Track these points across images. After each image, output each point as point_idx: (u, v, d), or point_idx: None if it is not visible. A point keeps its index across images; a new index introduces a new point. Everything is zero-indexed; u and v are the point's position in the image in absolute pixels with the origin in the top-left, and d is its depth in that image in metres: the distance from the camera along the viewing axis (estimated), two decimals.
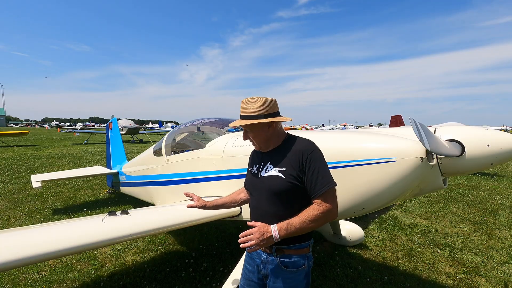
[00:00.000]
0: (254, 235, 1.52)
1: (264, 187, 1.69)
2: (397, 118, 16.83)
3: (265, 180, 1.69)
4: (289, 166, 1.63)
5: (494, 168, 10.64)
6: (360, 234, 4.37)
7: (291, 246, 1.66)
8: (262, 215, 1.68)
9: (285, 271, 1.66)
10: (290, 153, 1.67)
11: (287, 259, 1.66)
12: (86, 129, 43.32)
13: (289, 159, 1.65)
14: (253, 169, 1.81)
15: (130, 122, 27.52)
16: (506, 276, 3.61)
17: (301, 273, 1.69)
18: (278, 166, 1.67)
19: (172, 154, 4.20)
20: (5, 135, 22.07)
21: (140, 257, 4.04)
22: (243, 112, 1.70)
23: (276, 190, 1.64)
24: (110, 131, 7.44)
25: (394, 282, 3.42)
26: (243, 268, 1.89)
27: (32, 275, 3.56)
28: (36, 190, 7.20)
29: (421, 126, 2.07)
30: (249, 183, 1.85)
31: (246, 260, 1.86)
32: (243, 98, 1.75)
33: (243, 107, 1.70)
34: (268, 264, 1.69)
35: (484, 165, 2.22)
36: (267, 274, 1.70)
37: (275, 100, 1.75)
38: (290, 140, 1.75)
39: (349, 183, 2.31)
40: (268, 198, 1.67)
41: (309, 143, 1.69)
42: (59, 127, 47.53)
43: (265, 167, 1.72)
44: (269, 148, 1.76)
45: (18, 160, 12.89)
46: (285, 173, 1.63)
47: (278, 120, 1.70)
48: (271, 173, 1.67)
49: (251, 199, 1.84)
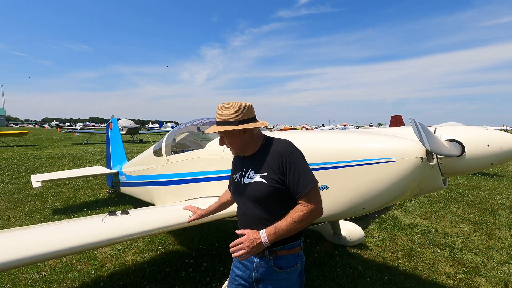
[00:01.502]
0: (244, 243, 1.54)
1: (248, 194, 1.69)
2: (397, 118, 16.83)
3: (248, 187, 1.68)
4: (270, 170, 1.62)
5: (494, 168, 10.64)
6: (360, 234, 4.37)
7: (284, 247, 1.66)
8: (250, 221, 1.68)
9: (279, 272, 1.66)
10: (269, 156, 1.65)
11: (280, 260, 1.66)
12: (86, 129, 43.34)
13: (269, 163, 1.64)
14: (236, 176, 1.80)
15: (130, 122, 27.52)
16: (506, 276, 3.61)
17: (295, 273, 1.72)
18: (260, 171, 1.65)
19: (172, 154, 4.20)
20: (5, 135, 22.08)
21: (140, 257, 4.04)
22: (218, 118, 1.69)
23: (260, 196, 1.63)
24: (110, 131, 7.44)
25: (394, 282, 3.42)
26: (231, 273, 1.86)
27: (32, 275, 3.56)
28: (36, 190, 7.20)
29: (421, 126, 2.07)
30: (234, 191, 1.85)
31: (234, 265, 1.84)
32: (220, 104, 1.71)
33: (218, 113, 1.69)
34: (261, 268, 1.67)
35: (484, 165, 2.22)
36: (260, 277, 1.68)
37: (251, 105, 1.71)
38: (268, 143, 1.72)
39: (349, 183, 2.32)
40: (253, 204, 1.67)
41: (287, 144, 1.68)
42: (59, 127, 47.55)
43: (247, 173, 1.71)
44: (248, 153, 1.74)
45: (18, 160, 12.89)
46: (266, 178, 1.61)
47: (252, 127, 1.66)
48: (253, 179, 1.66)
49: (237, 206, 1.83)
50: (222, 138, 1.76)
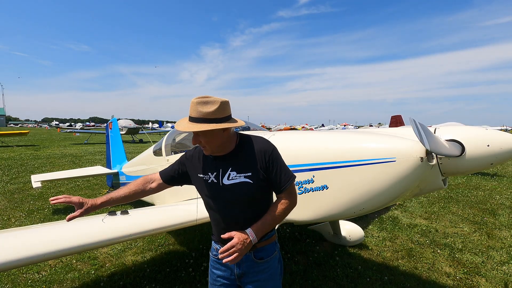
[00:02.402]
0: (237, 246, 1.49)
1: (231, 196, 1.61)
2: (397, 118, 16.84)
3: (230, 188, 1.60)
4: (254, 169, 1.59)
5: (494, 168, 10.64)
6: (360, 234, 4.37)
7: (262, 239, 1.66)
8: (232, 223, 1.62)
9: (260, 263, 1.68)
10: (251, 155, 1.61)
11: (260, 252, 1.68)
12: (86, 129, 43.34)
13: (252, 161, 1.60)
14: (209, 177, 1.65)
15: (130, 122, 27.53)
16: (506, 276, 3.61)
17: (275, 259, 1.75)
18: (243, 171, 1.59)
19: (172, 154, 4.20)
20: (5, 135, 22.07)
21: (140, 257, 4.04)
22: (195, 114, 1.50)
23: (246, 196, 1.60)
24: (110, 131, 7.44)
25: (394, 282, 3.42)
26: (210, 275, 1.84)
27: (32, 275, 3.56)
28: (36, 190, 7.20)
29: (421, 126, 2.07)
30: (209, 193, 1.67)
31: (213, 266, 1.82)
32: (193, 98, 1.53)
33: (196, 109, 1.50)
34: (243, 263, 1.68)
35: (484, 165, 2.22)
36: (242, 272, 1.70)
37: (229, 101, 1.60)
38: (244, 141, 1.67)
39: (349, 183, 2.31)
40: (237, 205, 1.62)
41: (267, 141, 1.67)
42: (59, 127, 47.55)
43: (225, 174, 1.61)
44: (224, 152, 1.63)
45: (18, 160, 12.89)
46: (251, 177, 1.58)
47: (234, 126, 1.56)
48: (236, 180, 1.59)
49: (213, 209, 1.70)
50: (197, 137, 1.56)
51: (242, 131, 3.82)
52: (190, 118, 1.53)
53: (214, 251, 1.80)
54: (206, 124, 1.49)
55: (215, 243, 1.81)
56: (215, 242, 1.81)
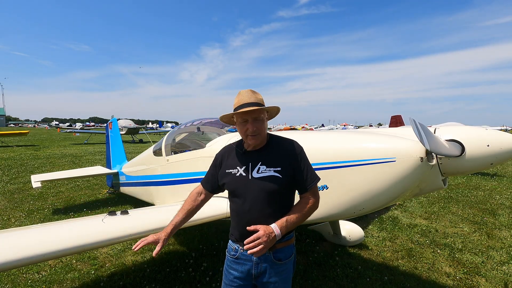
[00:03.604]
0: (262, 238, 1.51)
1: (259, 188, 1.65)
2: (397, 118, 16.84)
3: (260, 181, 1.65)
4: (283, 165, 1.66)
5: (494, 168, 10.64)
6: (360, 234, 4.37)
7: (282, 240, 1.67)
8: (258, 217, 1.63)
9: (279, 264, 1.69)
10: (280, 151, 1.70)
11: (279, 253, 1.69)
12: (86, 129, 43.33)
13: (281, 158, 1.68)
14: (238, 171, 1.72)
15: (130, 122, 27.54)
16: (506, 276, 3.61)
17: (291, 263, 1.77)
18: (272, 166, 1.66)
19: (172, 154, 4.20)
20: (5, 135, 22.07)
21: (140, 257, 4.04)
22: (253, 99, 1.64)
23: (274, 190, 1.64)
24: (110, 131, 7.44)
25: (394, 282, 3.42)
26: (226, 275, 1.80)
27: (32, 275, 3.55)
28: (36, 190, 7.20)
29: (421, 126, 2.07)
30: (237, 186, 1.72)
31: (230, 267, 1.78)
32: (242, 90, 1.71)
33: (250, 96, 1.65)
34: (261, 263, 1.68)
35: (484, 165, 2.22)
36: (260, 272, 1.69)
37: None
38: (274, 139, 1.77)
39: (349, 183, 2.32)
40: (265, 199, 1.65)
41: (296, 141, 1.77)
42: (59, 127, 47.52)
43: (255, 167, 1.68)
44: (261, 144, 1.72)
45: (18, 160, 12.89)
46: (281, 172, 1.65)
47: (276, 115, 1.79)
48: (266, 173, 1.65)
49: (238, 202, 1.72)
50: (255, 123, 1.64)
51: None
52: (245, 105, 1.63)
53: (232, 251, 1.78)
54: (265, 107, 1.67)
55: (233, 242, 1.79)
56: (233, 242, 1.79)
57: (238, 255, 1.73)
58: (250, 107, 1.62)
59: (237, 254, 1.73)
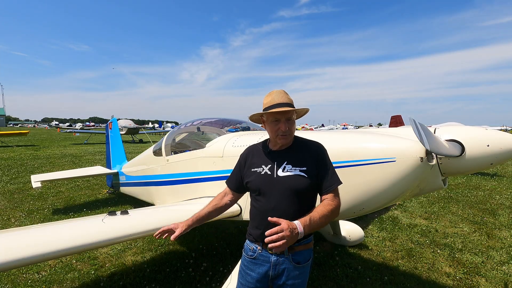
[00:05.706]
0: (285, 232, 1.42)
1: (284, 187, 1.65)
2: (397, 118, 16.84)
3: (285, 179, 1.66)
4: (309, 165, 1.68)
5: (494, 168, 10.64)
6: (360, 234, 4.37)
7: (301, 242, 1.66)
8: (281, 215, 1.56)
9: (297, 267, 1.67)
10: (306, 152, 1.73)
11: (298, 255, 1.67)
12: (86, 129, 43.31)
13: (307, 158, 1.70)
14: (263, 169, 1.73)
15: (130, 122, 27.53)
16: (506, 276, 3.61)
17: (309, 266, 1.75)
18: (297, 165, 1.68)
19: (172, 154, 4.20)
20: (5, 135, 22.07)
21: (140, 257, 4.04)
22: (285, 100, 1.68)
23: (299, 189, 1.65)
24: (110, 131, 7.44)
25: (394, 282, 3.42)
26: (243, 276, 1.78)
27: (32, 275, 3.55)
28: (36, 190, 7.20)
29: (421, 126, 2.07)
30: (261, 184, 1.71)
31: (247, 267, 1.76)
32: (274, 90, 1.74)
33: (280, 95, 1.69)
34: (279, 265, 1.66)
35: (484, 165, 2.21)
36: (277, 274, 1.67)
37: None
38: (300, 140, 1.80)
39: (349, 183, 2.31)
40: (289, 197, 1.65)
41: (319, 143, 1.81)
42: (59, 127, 47.51)
43: (280, 166, 1.70)
44: (288, 144, 1.75)
45: (18, 160, 12.89)
46: (306, 172, 1.66)
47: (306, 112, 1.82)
48: (291, 172, 1.67)
49: (263, 200, 1.71)
50: (287, 123, 1.68)
51: (242, 131, 3.82)
52: (278, 105, 1.66)
53: (250, 251, 1.75)
54: (298, 108, 1.73)
55: (251, 242, 1.76)
56: (251, 242, 1.76)
57: (256, 255, 1.71)
58: (283, 107, 1.64)
59: (255, 255, 1.71)
